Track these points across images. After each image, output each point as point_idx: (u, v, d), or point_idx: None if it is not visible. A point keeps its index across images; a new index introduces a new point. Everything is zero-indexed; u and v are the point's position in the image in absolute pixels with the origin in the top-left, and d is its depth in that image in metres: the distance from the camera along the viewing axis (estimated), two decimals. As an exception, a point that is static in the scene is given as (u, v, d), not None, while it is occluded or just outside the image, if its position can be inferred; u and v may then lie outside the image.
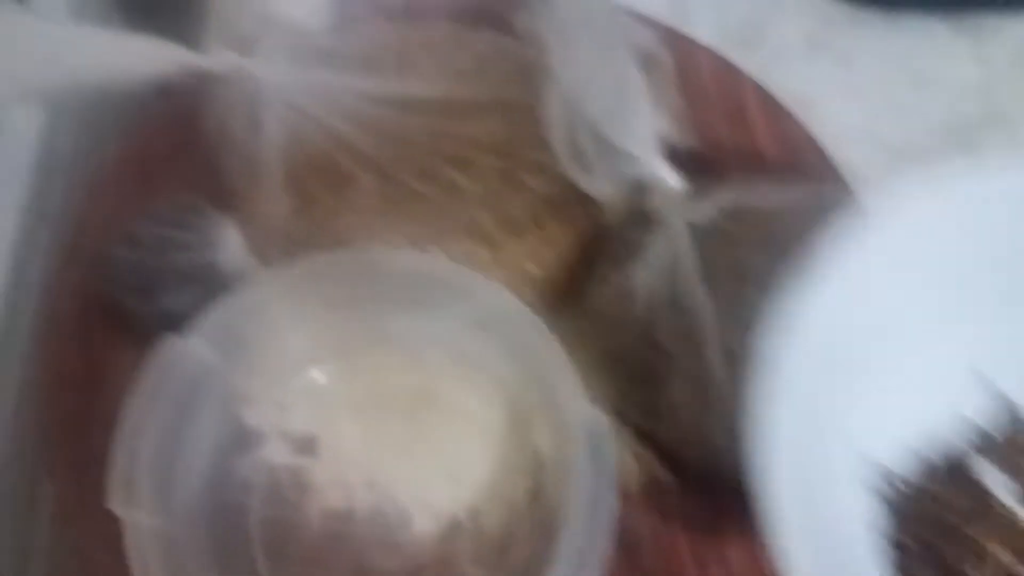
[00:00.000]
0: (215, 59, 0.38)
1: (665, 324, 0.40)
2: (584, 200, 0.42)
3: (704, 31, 0.53)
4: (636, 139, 0.39)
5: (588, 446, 0.34)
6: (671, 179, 0.40)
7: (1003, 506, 0.32)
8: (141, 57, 0.36)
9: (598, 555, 0.32)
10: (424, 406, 0.41)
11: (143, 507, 0.32)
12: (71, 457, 0.40)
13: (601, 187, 0.40)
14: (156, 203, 0.43)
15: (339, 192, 0.39)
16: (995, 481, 0.33)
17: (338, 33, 0.46)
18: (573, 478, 0.34)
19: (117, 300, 0.41)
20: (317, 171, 0.40)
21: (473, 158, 0.41)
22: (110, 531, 0.32)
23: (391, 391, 0.41)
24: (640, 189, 0.41)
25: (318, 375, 0.41)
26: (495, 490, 0.39)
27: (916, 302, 0.34)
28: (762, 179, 0.45)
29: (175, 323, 0.40)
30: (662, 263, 0.41)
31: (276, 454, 0.39)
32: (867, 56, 0.55)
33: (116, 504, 0.32)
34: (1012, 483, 0.33)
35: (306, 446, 0.40)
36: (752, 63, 0.52)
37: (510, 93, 0.43)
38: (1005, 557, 0.31)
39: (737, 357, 0.39)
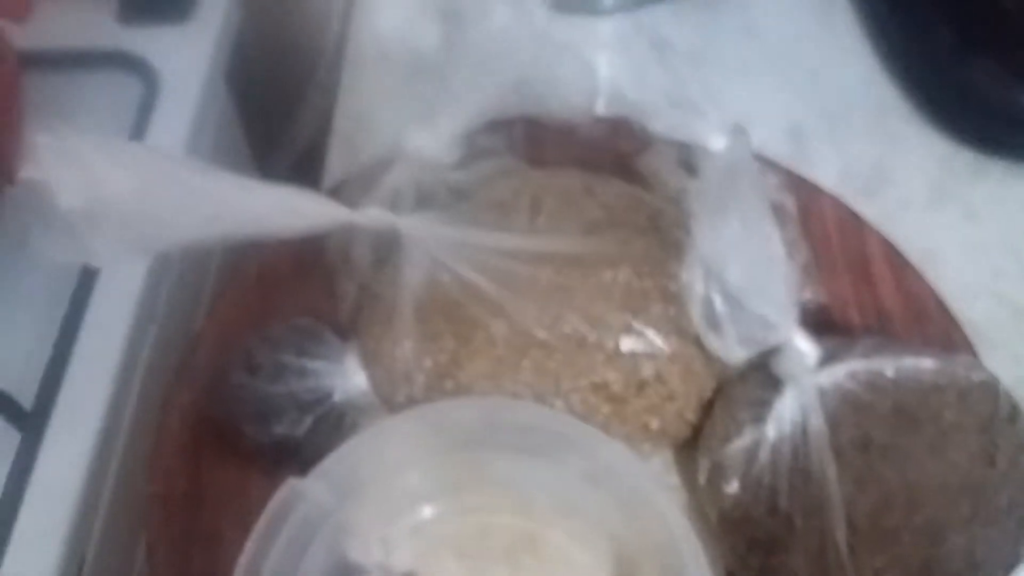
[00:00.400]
0: (368, 216, 0.39)
1: (788, 491, 0.39)
2: (709, 356, 0.41)
3: (826, 175, 0.53)
4: (773, 306, 0.39)
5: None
6: (805, 346, 0.40)
7: None
8: (294, 211, 0.37)
9: None
10: (528, 551, 0.40)
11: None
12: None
13: (731, 350, 0.40)
14: (275, 326, 0.43)
15: (467, 339, 0.40)
16: None
17: (467, 170, 0.47)
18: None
19: (232, 424, 0.42)
20: (446, 316, 0.40)
21: (602, 313, 0.41)
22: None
23: (496, 533, 0.40)
24: (771, 351, 0.40)
25: (425, 511, 0.41)
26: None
27: None
28: (891, 343, 0.43)
29: (286, 449, 0.41)
30: (789, 427, 0.39)
31: (379, 592, 0.39)
32: (991, 206, 0.54)
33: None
34: None
35: (409, 586, 0.39)
36: (874, 211, 0.51)
37: (641, 245, 0.43)
38: None
39: (860, 531, 0.37)
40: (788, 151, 0.54)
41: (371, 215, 0.38)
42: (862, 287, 0.49)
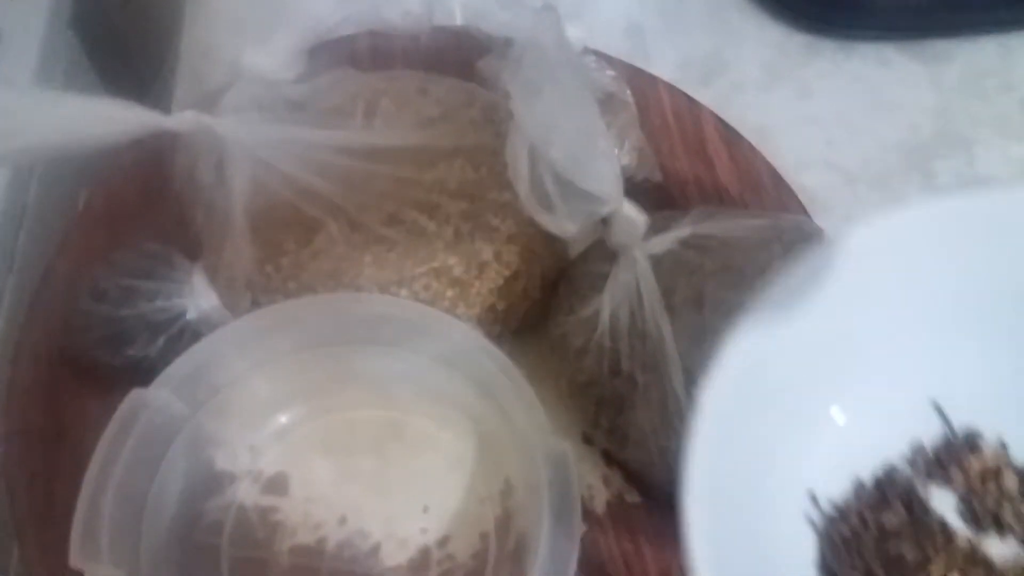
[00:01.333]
0: (180, 119, 0.39)
1: (629, 352, 0.41)
2: (548, 237, 0.42)
3: (664, 67, 0.55)
4: (599, 179, 0.40)
5: (552, 472, 0.35)
6: (634, 215, 0.41)
7: (946, 528, 0.32)
8: (103, 119, 0.37)
9: (566, 579, 0.32)
10: (393, 440, 0.41)
11: (105, 560, 0.32)
12: (37, 515, 0.40)
13: (564, 226, 0.41)
14: (123, 253, 0.43)
15: (306, 240, 0.40)
16: (943, 504, 0.33)
17: (306, 84, 0.48)
18: (540, 504, 0.34)
19: (84, 352, 0.42)
20: (283, 221, 0.40)
21: (439, 202, 0.42)
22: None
23: (360, 427, 0.41)
24: (603, 225, 0.42)
25: (289, 414, 0.42)
26: (465, 519, 0.39)
27: (869, 331, 0.34)
28: (723, 210, 0.46)
29: (144, 373, 0.41)
30: (625, 294, 0.41)
31: (246, 495, 0.40)
32: (824, 84, 0.56)
33: (77, 559, 0.32)
34: (959, 504, 0.33)
35: (276, 486, 0.40)
36: (712, 96, 0.54)
37: (475, 138, 0.44)
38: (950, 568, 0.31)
39: (697, 380, 0.39)
40: (627, 47, 0.56)
41: (185, 119, 0.38)
42: (700, 167, 0.51)
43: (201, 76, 0.56)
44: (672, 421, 0.39)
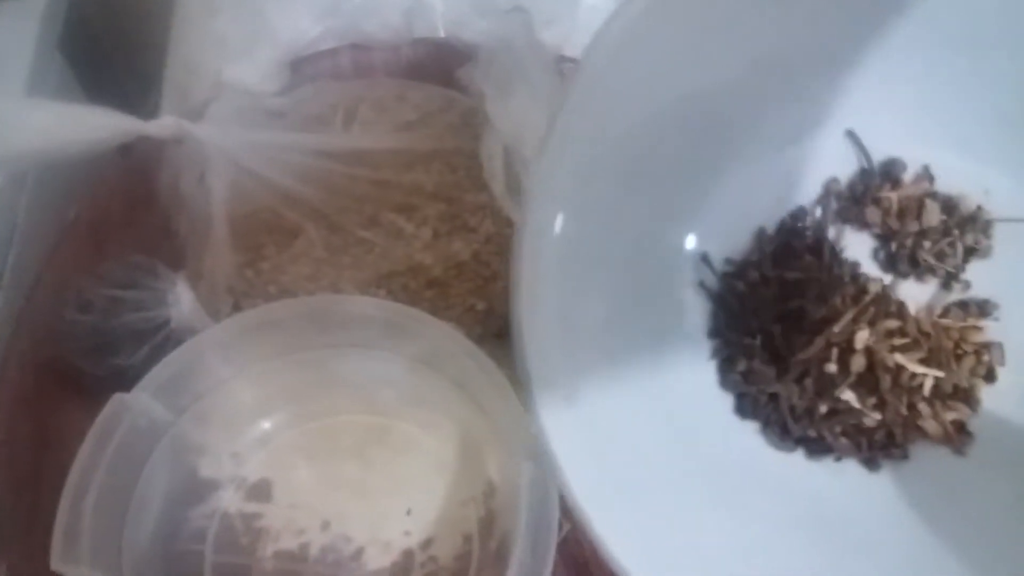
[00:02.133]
0: (160, 125, 0.39)
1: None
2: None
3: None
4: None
5: (532, 472, 0.35)
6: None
7: (858, 276, 0.28)
8: (86, 126, 0.37)
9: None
10: (376, 444, 0.41)
11: (86, 563, 0.33)
12: (23, 523, 0.40)
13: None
14: (109, 265, 0.44)
15: (286, 244, 0.41)
16: (857, 250, 0.29)
17: (288, 95, 0.48)
18: (519, 505, 0.34)
19: (70, 362, 0.42)
20: (264, 225, 0.41)
21: (417, 204, 0.42)
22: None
23: (343, 432, 0.41)
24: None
25: (272, 421, 0.42)
26: (448, 521, 0.39)
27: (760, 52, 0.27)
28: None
29: (129, 382, 0.41)
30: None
31: (230, 502, 0.40)
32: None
33: (58, 562, 0.32)
34: (876, 247, 0.29)
35: (260, 492, 0.40)
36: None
37: (453, 142, 0.45)
38: (862, 333, 0.28)
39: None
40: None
41: (166, 124, 0.38)
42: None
43: (186, 91, 0.57)
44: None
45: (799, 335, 0.27)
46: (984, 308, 0.29)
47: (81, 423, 0.38)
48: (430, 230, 0.41)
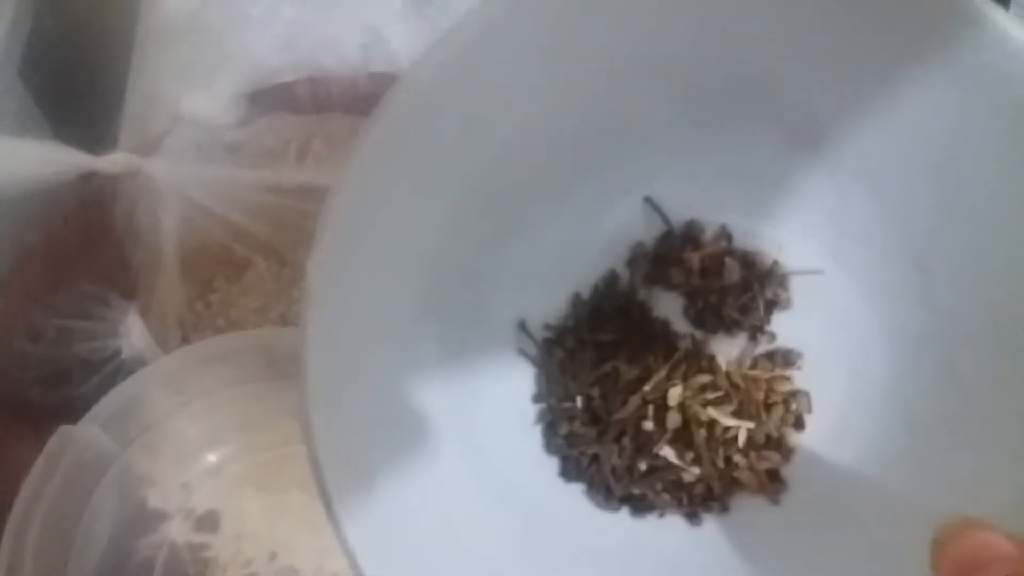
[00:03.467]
0: (111, 161, 0.40)
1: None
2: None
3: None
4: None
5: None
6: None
7: (669, 334, 0.29)
8: (36, 161, 0.38)
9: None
10: (324, 477, 0.42)
11: (30, 594, 0.33)
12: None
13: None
14: (61, 294, 0.44)
15: (236, 278, 0.41)
16: (667, 309, 0.30)
17: (244, 128, 0.49)
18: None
19: (19, 392, 0.42)
20: (214, 259, 0.42)
21: (368, 238, 0.43)
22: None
23: (291, 463, 0.42)
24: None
25: (221, 452, 0.42)
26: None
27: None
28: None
29: (79, 412, 0.41)
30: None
31: (178, 533, 0.40)
32: None
33: (1, 593, 0.33)
34: (685, 305, 0.30)
35: (208, 523, 0.41)
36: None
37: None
38: (675, 390, 0.29)
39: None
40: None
41: (116, 160, 0.39)
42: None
43: (144, 122, 0.57)
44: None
45: (616, 395, 0.28)
46: (789, 358, 0.31)
47: (29, 453, 0.38)
48: (379, 264, 0.42)
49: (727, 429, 0.29)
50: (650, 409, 0.28)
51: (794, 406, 0.30)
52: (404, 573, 0.24)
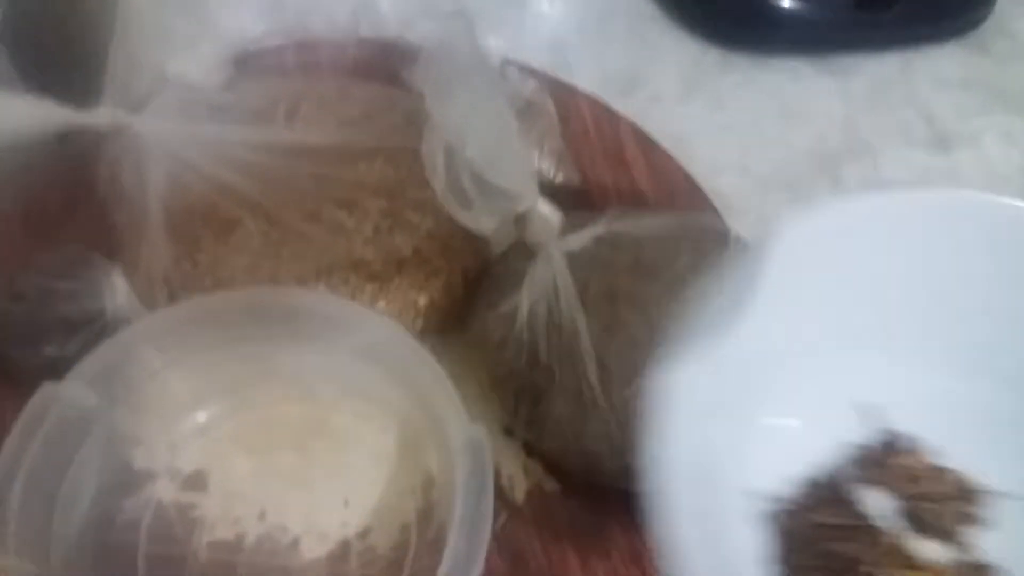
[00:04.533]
0: (96, 116, 0.39)
1: (546, 345, 0.42)
2: (468, 235, 0.43)
3: (586, 80, 0.57)
4: (513, 177, 0.41)
5: (469, 463, 0.35)
6: (548, 212, 0.43)
7: (874, 528, 0.34)
8: (20, 115, 0.37)
9: (478, 564, 0.33)
10: (315, 436, 0.41)
11: (12, 551, 0.32)
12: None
13: (481, 222, 0.42)
14: (43, 254, 0.43)
15: (224, 238, 0.41)
16: (876, 502, 0.35)
17: (231, 90, 0.48)
18: (455, 495, 0.35)
19: (1, 353, 0.41)
20: (202, 217, 0.41)
21: (359, 199, 0.43)
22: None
23: (281, 424, 0.42)
24: (521, 223, 0.43)
25: (208, 411, 0.42)
26: (386, 511, 0.39)
27: (797, 334, 0.35)
28: (636, 211, 0.47)
29: (61, 373, 0.41)
30: (542, 289, 0.42)
31: (164, 492, 0.39)
32: (737, 96, 0.59)
33: (-16, 553, 0.32)
34: (893, 502, 0.35)
35: (195, 482, 0.40)
36: (631, 108, 0.56)
37: (395, 139, 0.45)
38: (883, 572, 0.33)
39: (610, 371, 0.40)
40: (550, 60, 0.58)
41: (101, 115, 0.38)
42: (618, 172, 0.52)
43: (128, 85, 0.56)
44: (586, 410, 0.41)
45: (830, 571, 0.33)
46: (985, 572, 0.34)
47: (10, 413, 0.37)
48: (371, 225, 0.42)
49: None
50: None
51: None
52: None
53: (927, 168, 0.56)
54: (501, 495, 0.41)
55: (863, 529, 0.34)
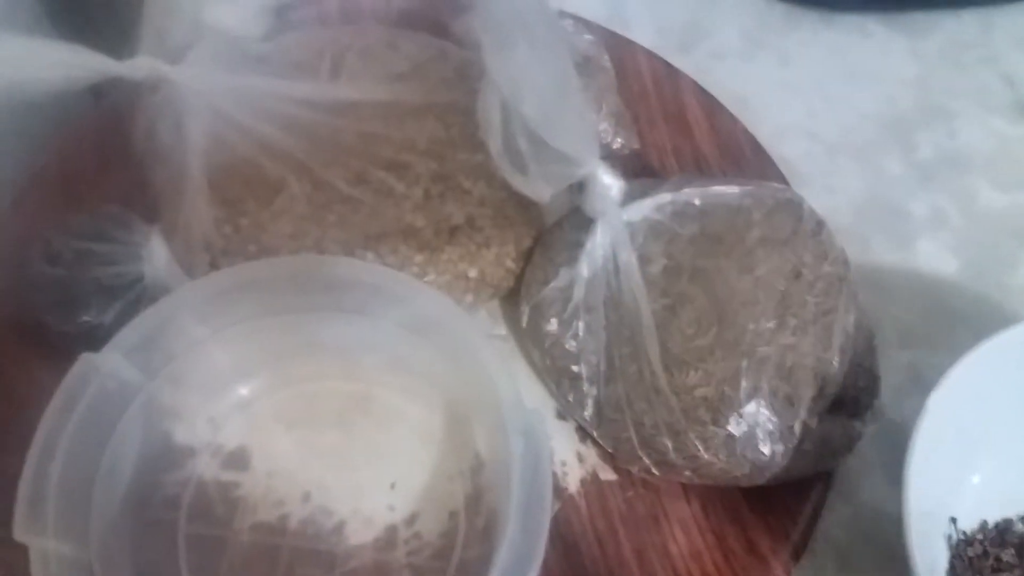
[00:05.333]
0: (133, 66, 0.37)
1: (604, 323, 0.40)
2: (523, 202, 0.41)
3: (643, 34, 0.54)
4: (573, 140, 0.39)
5: (525, 447, 0.33)
6: (609, 179, 0.40)
7: None
8: (56, 63, 0.35)
9: (537, 556, 0.31)
10: (360, 414, 0.40)
11: (51, 534, 0.31)
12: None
13: (537, 189, 0.39)
14: (79, 216, 0.41)
15: (267, 200, 0.38)
16: None
17: (272, 40, 0.46)
18: (510, 480, 0.33)
19: (36, 317, 0.40)
20: (244, 179, 0.39)
21: (408, 162, 0.40)
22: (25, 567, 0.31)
23: (325, 400, 0.40)
24: (579, 190, 0.40)
25: (250, 386, 0.40)
26: (434, 496, 0.38)
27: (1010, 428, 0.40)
28: (700, 177, 0.45)
29: (98, 341, 0.39)
30: (601, 263, 0.40)
31: (205, 469, 0.38)
32: (804, 54, 0.55)
33: (21, 533, 0.30)
34: None
35: (237, 460, 0.38)
36: (691, 64, 0.52)
37: (447, 96, 0.42)
38: None
39: (674, 354, 0.38)
40: (605, 13, 0.54)
41: (138, 65, 0.36)
42: (679, 135, 0.49)
43: (164, 35, 0.54)
44: (648, 395, 0.38)
45: None
46: None
47: (46, 382, 0.36)
48: (421, 190, 0.39)
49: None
50: None
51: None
52: None
53: (1006, 137, 0.53)
54: (553, 483, 0.39)
55: None
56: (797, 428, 0.37)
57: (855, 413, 0.39)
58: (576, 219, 0.42)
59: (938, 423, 0.36)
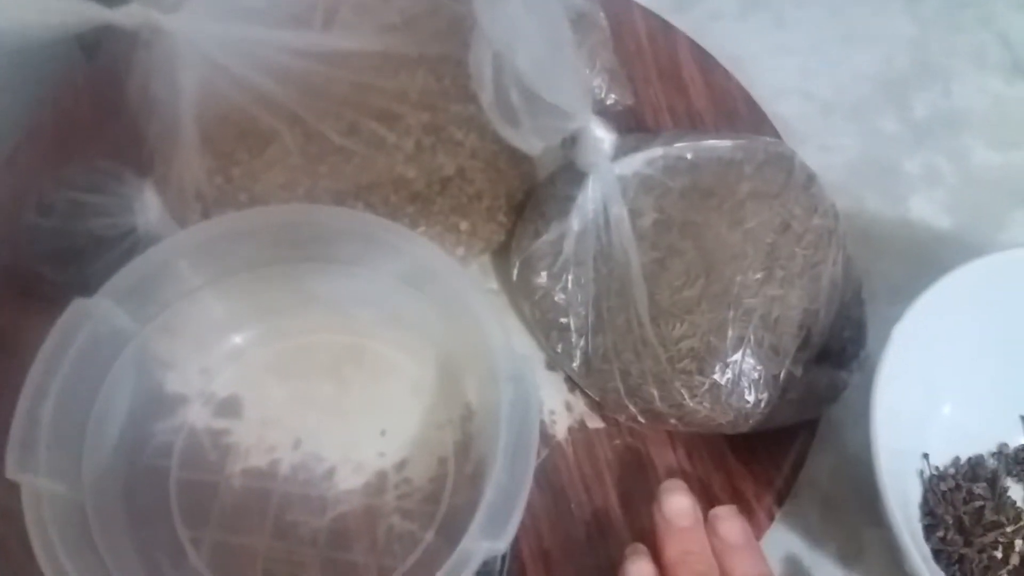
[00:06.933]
0: (126, 14, 0.37)
1: (594, 276, 0.40)
2: (514, 155, 0.41)
3: (639, -8, 0.53)
4: (565, 94, 0.39)
5: (514, 393, 0.34)
6: (601, 133, 0.40)
7: (1017, 508, 0.40)
8: (50, 11, 0.34)
9: (522, 496, 0.31)
10: (352, 364, 0.40)
11: (43, 472, 0.31)
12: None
13: (529, 142, 0.39)
14: (72, 168, 0.41)
15: (259, 150, 0.38)
16: (1016, 492, 0.41)
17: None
18: (498, 427, 0.33)
19: (30, 268, 0.40)
20: (236, 130, 0.39)
21: (400, 113, 0.40)
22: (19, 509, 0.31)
23: (317, 351, 0.40)
24: (571, 143, 0.40)
25: (243, 336, 0.40)
26: (423, 443, 0.38)
27: (981, 350, 0.40)
28: (693, 132, 0.45)
29: (91, 291, 0.39)
30: (592, 217, 0.40)
31: (197, 417, 0.38)
32: (800, 15, 0.55)
33: (14, 471, 0.31)
34: None
35: (229, 408, 0.39)
36: (687, 25, 0.52)
37: (439, 47, 0.42)
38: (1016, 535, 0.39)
39: (662, 306, 0.38)
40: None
41: (131, 13, 0.35)
42: (673, 92, 0.49)
43: None
44: (635, 346, 0.39)
45: (978, 527, 0.39)
46: None
47: (39, 330, 0.36)
48: (413, 141, 0.39)
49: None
50: (1000, 546, 0.39)
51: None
52: None
53: (1002, 97, 0.52)
54: (542, 430, 0.39)
55: (1006, 505, 0.40)
56: (782, 377, 0.37)
57: (841, 363, 0.39)
58: (568, 174, 0.42)
59: (903, 354, 0.36)
